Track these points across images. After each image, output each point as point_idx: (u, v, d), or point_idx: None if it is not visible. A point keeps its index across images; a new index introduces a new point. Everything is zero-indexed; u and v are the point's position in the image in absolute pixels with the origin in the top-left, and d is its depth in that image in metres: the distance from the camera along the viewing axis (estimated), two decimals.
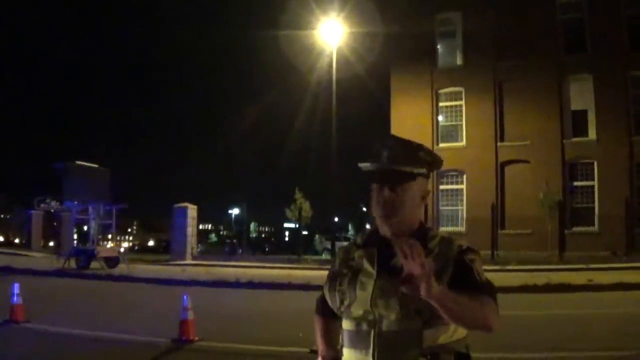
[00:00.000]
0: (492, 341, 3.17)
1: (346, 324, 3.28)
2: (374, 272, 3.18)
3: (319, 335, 3.64)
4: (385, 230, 3.27)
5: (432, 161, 3.34)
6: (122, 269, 33.54)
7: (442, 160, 3.46)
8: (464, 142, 46.74)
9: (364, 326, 3.16)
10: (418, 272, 2.70)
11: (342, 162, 59.93)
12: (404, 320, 3.05)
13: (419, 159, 3.27)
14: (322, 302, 3.55)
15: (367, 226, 41.17)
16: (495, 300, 3.11)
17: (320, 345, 3.60)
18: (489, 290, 3.12)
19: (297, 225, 56.50)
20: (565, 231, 42.23)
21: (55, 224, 59.47)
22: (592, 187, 43.69)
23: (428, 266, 2.72)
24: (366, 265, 3.24)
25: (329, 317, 3.52)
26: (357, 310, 3.18)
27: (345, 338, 3.29)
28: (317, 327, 3.66)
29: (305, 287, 23.04)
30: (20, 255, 46.22)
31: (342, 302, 3.26)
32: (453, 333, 3.10)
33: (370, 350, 3.11)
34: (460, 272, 3.11)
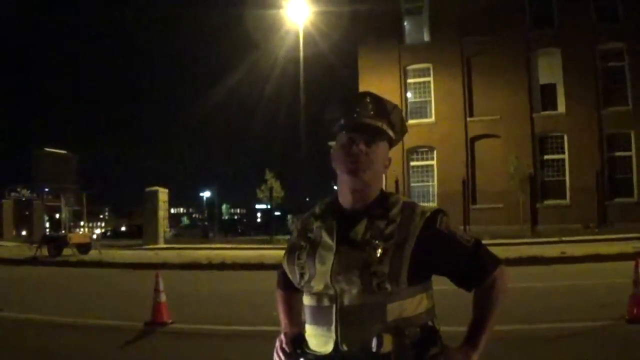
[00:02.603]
0: (463, 314, 3.10)
1: (307, 300, 3.20)
2: (333, 244, 3.08)
3: (281, 310, 3.58)
4: (347, 195, 3.17)
5: (399, 128, 3.27)
6: (94, 255, 33.37)
7: (407, 131, 3.39)
8: (433, 118, 46.86)
9: (325, 301, 3.08)
10: None
11: (311, 142, 59.94)
12: (366, 295, 2.97)
13: (390, 120, 3.19)
14: (283, 275, 3.49)
15: None
16: (491, 256, 3.12)
17: (282, 321, 3.54)
18: (482, 253, 3.11)
19: (269, 206, 56.51)
20: (537, 204, 42.57)
21: (26, 212, 59.22)
22: (563, 160, 43.97)
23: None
24: (325, 237, 3.13)
25: (291, 291, 3.46)
26: (317, 285, 3.10)
27: (307, 314, 3.22)
28: (279, 301, 3.60)
29: (278, 267, 22.80)
30: None
31: (302, 277, 3.16)
32: (418, 305, 3.04)
33: (333, 326, 3.03)
34: (440, 246, 3.04)
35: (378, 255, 2.95)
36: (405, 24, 49.13)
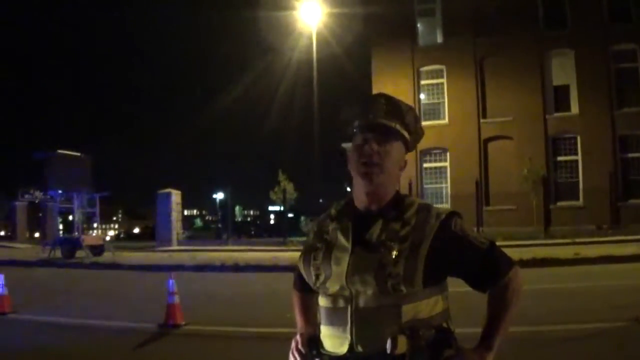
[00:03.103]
0: (477, 316, 3.11)
1: (322, 301, 3.22)
2: (348, 246, 3.10)
3: (297, 311, 3.60)
4: (362, 196, 3.19)
5: (414, 130, 3.30)
6: (107, 256, 33.45)
7: (424, 133, 3.41)
8: (446, 120, 46.76)
9: (341, 302, 3.10)
10: None
11: (324, 143, 59.87)
12: (381, 296, 2.99)
13: (404, 122, 3.22)
14: (299, 276, 3.51)
15: None
16: (505, 258, 3.13)
17: (299, 322, 3.56)
18: (496, 254, 3.11)
19: (282, 208, 56.47)
20: (550, 206, 42.39)
21: (40, 214, 59.28)
22: (576, 161, 43.83)
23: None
24: (340, 238, 3.16)
25: (307, 292, 3.48)
26: (332, 286, 3.12)
27: (322, 315, 3.24)
28: (295, 302, 3.62)
29: (291, 268, 22.67)
30: (6, 247, 46.04)
31: (317, 278, 3.19)
32: (433, 307, 3.05)
33: (348, 327, 3.05)
34: (455, 248, 3.05)
35: (393, 256, 2.96)
36: (418, 25, 48.99)
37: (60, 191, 37.30)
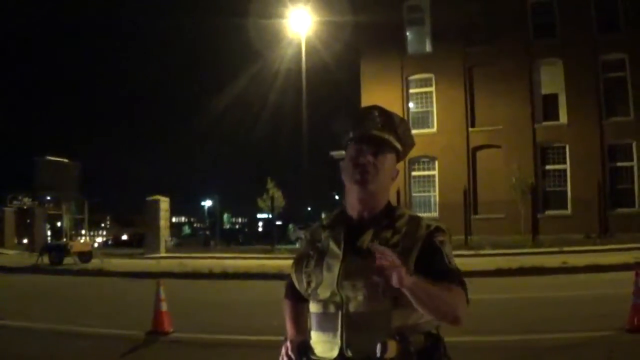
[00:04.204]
0: (466, 325, 3.11)
1: (313, 307, 3.27)
2: (340, 253, 3.16)
3: (287, 319, 3.61)
4: (355, 205, 3.26)
5: (406, 142, 3.38)
6: (95, 263, 33.38)
7: (414, 144, 3.48)
8: (435, 129, 46.79)
9: (331, 308, 3.15)
10: (389, 263, 2.77)
11: (313, 151, 59.98)
12: (372, 302, 3.04)
13: (397, 134, 3.30)
14: (291, 285, 3.53)
15: None
16: (465, 289, 3.10)
17: (289, 330, 3.57)
18: (458, 278, 3.10)
19: (271, 216, 56.53)
20: (538, 215, 42.45)
21: (28, 220, 59.17)
22: (564, 170, 43.91)
23: (398, 260, 2.81)
24: (332, 246, 3.22)
25: (298, 301, 3.50)
26: (323, 292, 3.17)
27: (312, 320, 3.28)
28: (286, 311, 3.64)
29: (279, 276, 22.84)
30: None
31: (308, 285, 3.24)
32: (422, 314, 3.05)
33: (338, 332, 3.10)
34: (428, 255, 3.09)
35: None
36: (407, 34, 49.10)
37: (48, 197, 37.33)
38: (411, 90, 48.14)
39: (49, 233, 51.41)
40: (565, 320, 13.30)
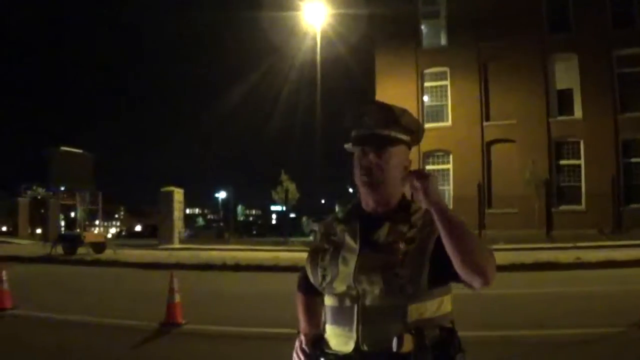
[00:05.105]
0: (480, 319, 3.12)
1: (329, 300, 3.25)
2: (356, 246, 3.15)
3: (300, 312, 3.61)
4: (368, 202, 3.25)
5: (415, 129, 3.31)
6: (109, 254, 33.43)
7: (424, 130, 3.43)
8: (449, 122, 46.76)
9: (347, 302, 3.13)
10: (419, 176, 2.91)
11: (327, 144, 60.00)
12: (388, 295, 3.02)
13: (401, 125, 3.23)
14: (304, 278, 3.51)
15: None
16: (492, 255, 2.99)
17: (302, 323, 3.57)
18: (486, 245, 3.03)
19: (284, 208, 56.53)
20: (552, 209, 42.36)
21: (42, 210, 59.25)
22: (579, 165, 43.79)
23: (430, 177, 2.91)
24: (348, 240, 3.20)
25: (311, 294, 3.50)
26: (339, 286, 3.16)
27: (327, 314, 3.26)
28: (299, 304, 3.63)
29: (292, 268, 22.91)
30: (7, 243, 46.07)
31: (323, 278, 3.23)
32: (438, 308, 3.08)
33: (354, 326, 3.09)
34: (445, 249, 2.98)
35: (400, 257, 3.01)
36: (422, 27, 49.05)
37: (62, 188, 37.35)
38: (426, 84, 48.10)
39: (62, 223, 51.43)
40: (578, 315, 13.24)
